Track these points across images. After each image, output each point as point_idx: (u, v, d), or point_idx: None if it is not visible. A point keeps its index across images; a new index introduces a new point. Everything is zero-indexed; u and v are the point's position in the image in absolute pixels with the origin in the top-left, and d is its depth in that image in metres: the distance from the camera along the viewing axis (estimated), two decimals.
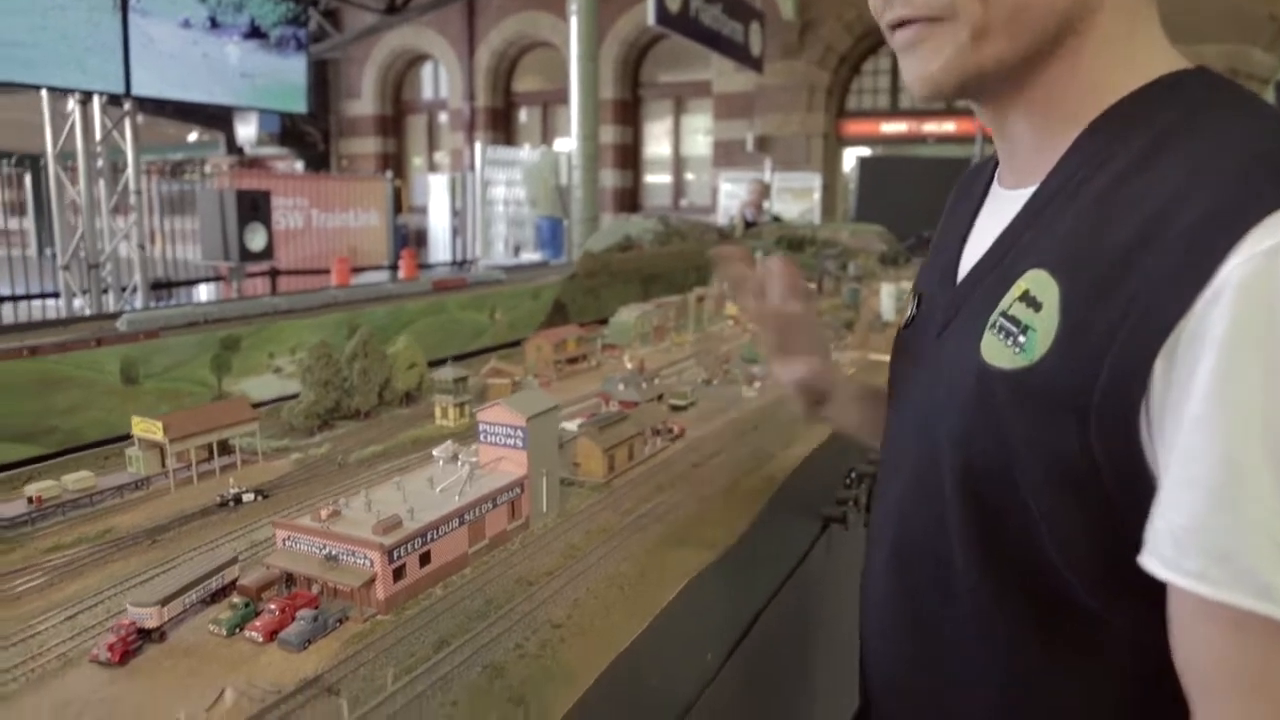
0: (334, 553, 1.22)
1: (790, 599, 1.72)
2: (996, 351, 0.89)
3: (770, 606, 1.62)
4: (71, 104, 6.97)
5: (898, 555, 1.06)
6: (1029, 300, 0.86)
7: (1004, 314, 0.89)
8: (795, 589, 1.74)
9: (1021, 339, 0.85)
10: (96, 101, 7.02)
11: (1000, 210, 1.01)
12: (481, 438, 1.53)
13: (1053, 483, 0.83)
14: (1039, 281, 0.86)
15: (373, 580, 1.19)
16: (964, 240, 1.09)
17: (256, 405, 2.19)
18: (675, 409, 2.33)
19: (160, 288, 8.54)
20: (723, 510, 1.59)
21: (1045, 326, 0.83)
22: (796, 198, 14.42)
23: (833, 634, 2.00)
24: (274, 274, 9.22)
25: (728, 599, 1.48)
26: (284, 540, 1.28)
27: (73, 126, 7.04)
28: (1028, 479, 0.85)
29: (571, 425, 1.98)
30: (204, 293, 9.18)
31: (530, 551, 1.42)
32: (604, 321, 3.46)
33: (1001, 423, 0.86)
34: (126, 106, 7.09)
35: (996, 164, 1.11)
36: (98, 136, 7.10)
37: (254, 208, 6.65)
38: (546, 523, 1.53)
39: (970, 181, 1.21)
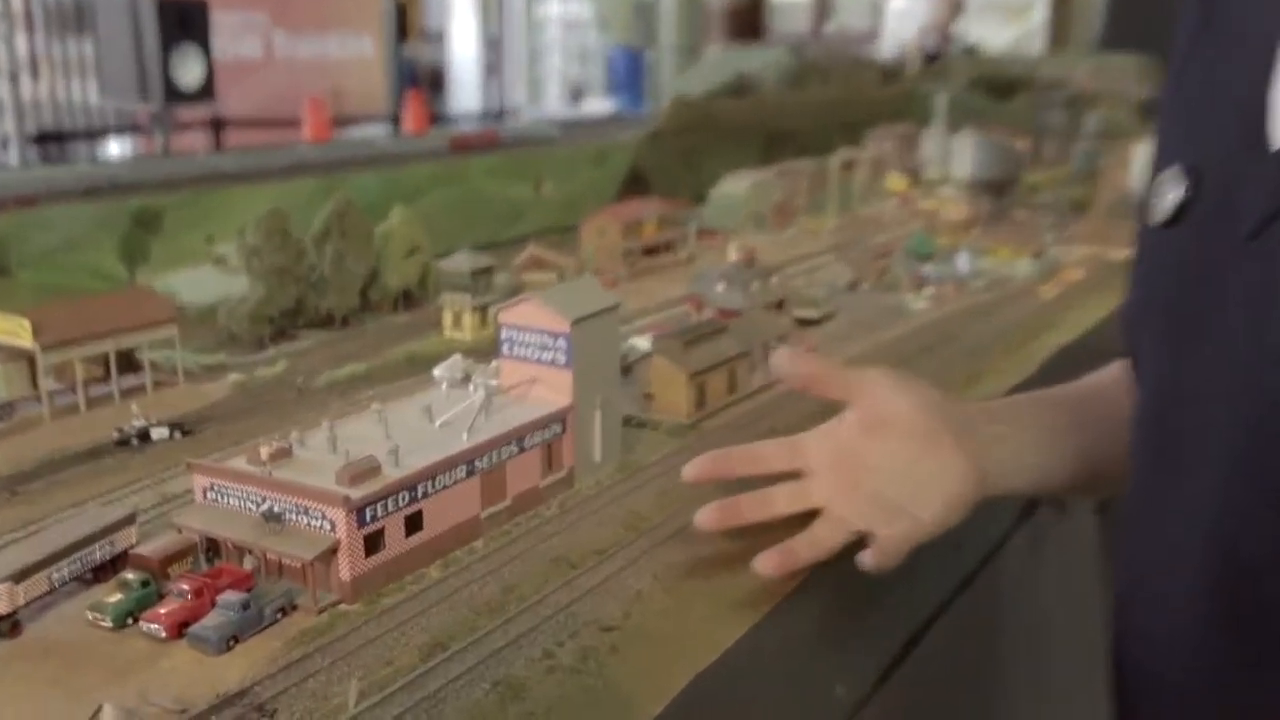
0: (278, 510, 1.22)
1: (970, 613, 1.67)
2: None
3: (939, 623, 1.58)
4: None
5: (1226, 588, 1.00)
6: None
7: None
8: (979, 598, 1.70)
9: None
10: None
11: None
12: (504, 349, 1.51)
13: None
14: None
15: (334, 552, 1.19)
16: (1270, 69, 1.00)
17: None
18: (803, 322, 2.31)
19: (46, 141, 8.72)
20: None
21: None
22: (1007, 17, 13.95)
23: (1042, 672, 1.95)
24: (217, 124, 9.34)
25: (872, 607, 1.44)
26: (205, 491, 1.28)
27: None
28: None
29: (644, 340, 1.97)
30: (113, 149, 9.34)
31: (573, 519, 1.41)
32: (702, 198, 3.45)
33: None
34: None
35: None
36: None
37: (184, 25, 6.64)
38: (600, 478, 1.52)
39: None
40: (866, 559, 1.28)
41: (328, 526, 1.20)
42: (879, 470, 1.33)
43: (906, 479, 1.31)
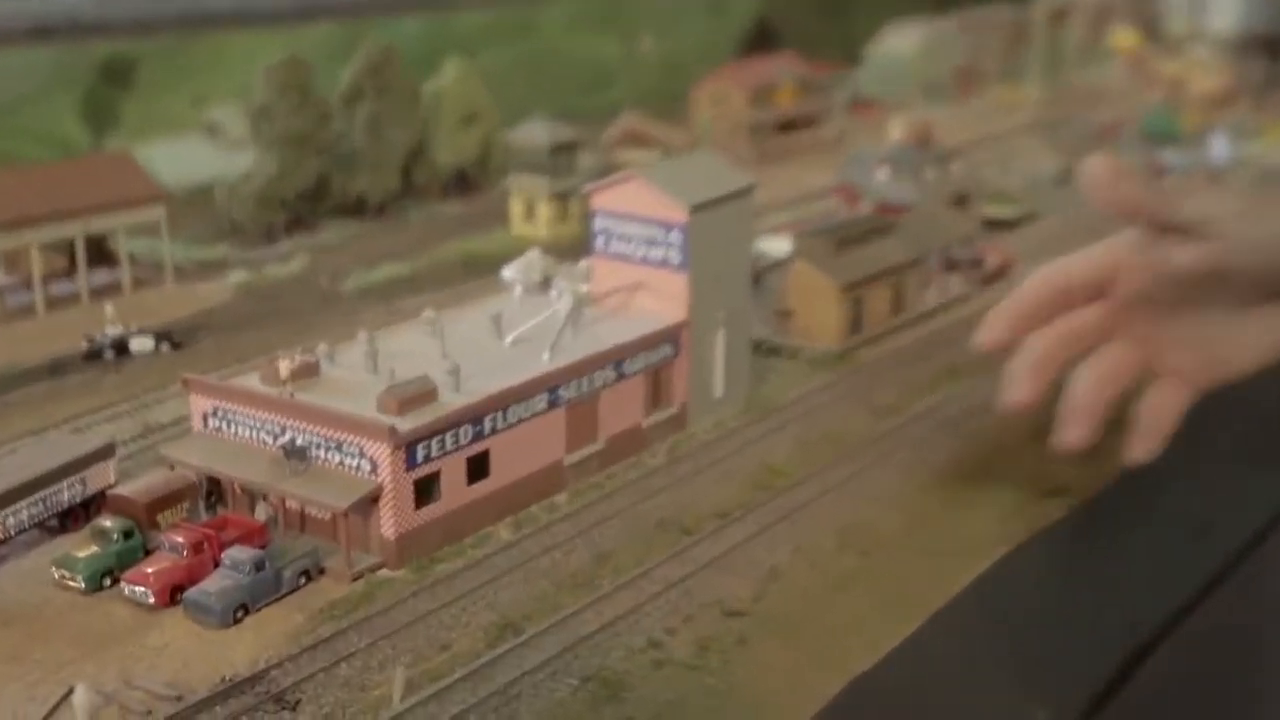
0: (301, 443, 1.22)
1: (1220, 622, 1.63)
2: None
3: (1174, 635, 1.54)
4: None
5: None
6: None
7: None
8: (1233, 602, 1.66)
9: None
10: None
11: None
12: (598, 242, 1.50)
13: None
14: None
15: (375, 500, 1.19)
16: None
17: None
18: (994, 224, 2.25)
19: None
20: None
21: None
22: None
23: None
24: None
25: (1089, 610, 1.41)
26: (206, 417, 1.29)
27: None
28: None
29: (780, 241, 1.93)
30: None
31: (686, 470, 1.40)
32: (856, 58, 3.39)
33: None
34: None
35: None
36: None
37: None
38: (721, 418, 1.50)
39: None
40: (1154, 395, 1.31)
41: (367, 467, 1.20)
42: (1201, 312, 1.34)
43: (1229, 326, 1.32)
